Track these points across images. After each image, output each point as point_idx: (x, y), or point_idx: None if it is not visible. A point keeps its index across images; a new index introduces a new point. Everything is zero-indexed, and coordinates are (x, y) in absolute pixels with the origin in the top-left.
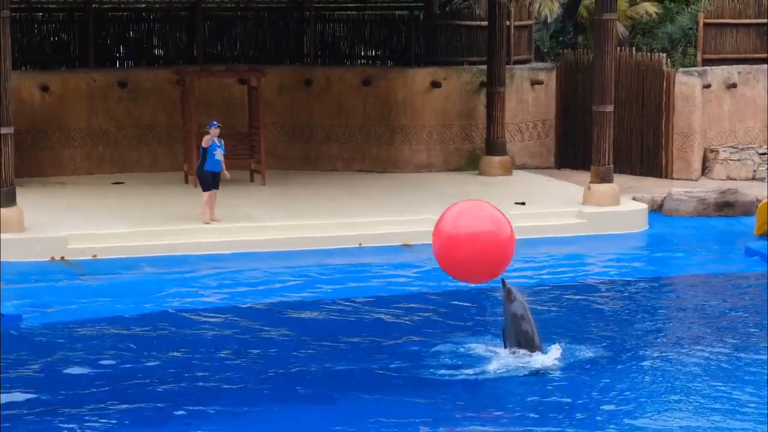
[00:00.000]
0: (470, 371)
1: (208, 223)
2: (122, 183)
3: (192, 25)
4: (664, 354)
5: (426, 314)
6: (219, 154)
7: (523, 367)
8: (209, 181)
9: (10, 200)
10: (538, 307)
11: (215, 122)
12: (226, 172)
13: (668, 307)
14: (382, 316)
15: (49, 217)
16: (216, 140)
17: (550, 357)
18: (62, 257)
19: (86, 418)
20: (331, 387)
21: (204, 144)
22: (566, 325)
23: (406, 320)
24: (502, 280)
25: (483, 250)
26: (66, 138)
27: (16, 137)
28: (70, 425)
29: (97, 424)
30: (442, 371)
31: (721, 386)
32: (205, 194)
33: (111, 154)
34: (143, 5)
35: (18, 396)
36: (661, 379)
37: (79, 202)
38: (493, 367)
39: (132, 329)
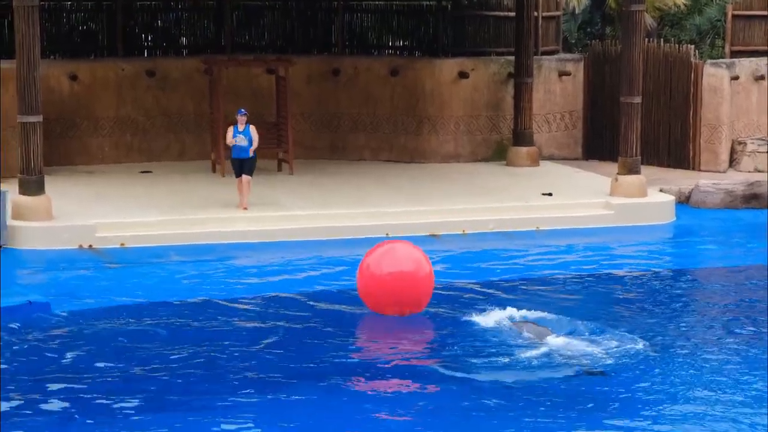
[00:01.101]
0: (503, 359)
1: (240, 208)
2: (150, 172)
3: (220, 15)
4: (688, 345)
5: (453, 303)
6: (240, 140)
7: (552, 355)
8: (235, 167)
9: (38, 188)
10: (566, 297)
11: (242, 110)
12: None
13: (694, 298)
14: None
15: (78, 205)
16: (240, 127)
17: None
18: (90, 245)
19: (112, 405)
20: (361, 376)
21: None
22: (593, 316)
23: (433, 309)
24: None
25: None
26: (94, 127)
27: (45, 126)
28: (95, 412)
29: (121, 411)
30: (472, 360)
31: (743, 377)
32: (237, 180)
33: (139, 143)
34: None
35: (45, 384)
36: (684, 369)
37: (107, 191)
38: (526, 355)
39: (159, 317)
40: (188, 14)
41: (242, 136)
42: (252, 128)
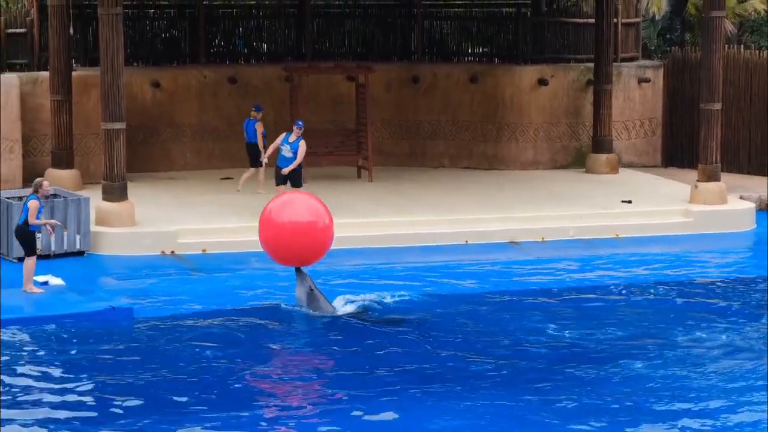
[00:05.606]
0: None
1: None
2: (231, 178)
3: (301, 22)
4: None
5: (542, 311)
6: (286, 150)
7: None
8: (277, 176)
9: (122, 194)
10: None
11: (299, 122)
12: (285, 170)
13: None
14: (489, 312)
15: (160, 211)
16: (292, 137)
17: None
18: (172, 251)
19: (192, 409)
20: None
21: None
22: (675, 323)
23: (514, 316)
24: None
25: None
26: (176, 133)
27: (128, 132)
28: (176, 415)
29: (199, 416)
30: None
31: None
32: (276, 188)
33: (220, 150)
34: (253, 2)
35: (122, 388)
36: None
37: (188, 197)
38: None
39: (240, 323)
40: (269, 22)
41: (288, 147)
42: (302, 143)
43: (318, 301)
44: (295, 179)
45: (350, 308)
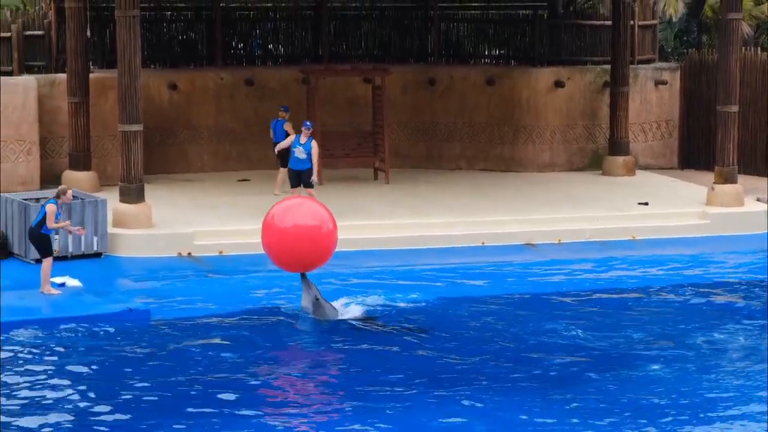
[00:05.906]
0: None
1: None
2: (248, 180)
3: (317, 24)
4: None
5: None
6: (299, 152)
7: None
8: (292, 178)
9: (139, 196)
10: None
11: (308, 123)
12: (314, 177)
13: None
14: (505, 314)
15: (176, 213)
16: (302, 139)
17: None
18: (189, 253)
19: (210, 410)
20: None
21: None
22: (692, 325)
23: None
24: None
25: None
26: (193, 135)
27: (145, 134)
28: (193, 417)
29: (215, 416)
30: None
31: None
32: (291, 191)
33: (237, 152)
34: (270, 4)
35: (143, 388)
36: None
37: (205, 199)
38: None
39: (256, 324)
40: (286, 24)
41: (301, 148)
42: (314, 143)
43: (323, 309)
44: (306, 180)
45: (357, 312)
